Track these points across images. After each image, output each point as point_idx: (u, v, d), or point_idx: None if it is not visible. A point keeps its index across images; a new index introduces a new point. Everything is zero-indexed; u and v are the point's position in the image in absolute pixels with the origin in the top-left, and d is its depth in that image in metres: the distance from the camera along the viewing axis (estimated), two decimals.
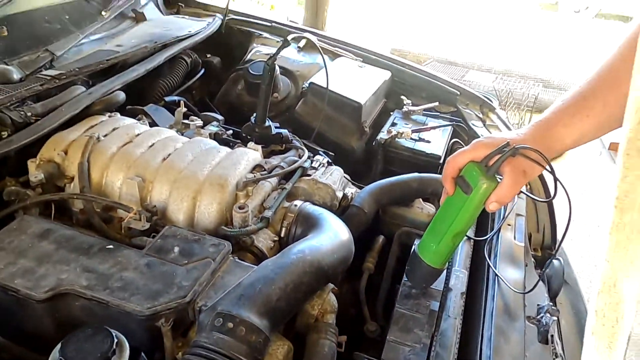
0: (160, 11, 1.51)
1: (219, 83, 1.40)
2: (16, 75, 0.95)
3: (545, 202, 1.09)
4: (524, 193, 0.87)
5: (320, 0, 3.32)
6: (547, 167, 0.68)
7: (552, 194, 0.72)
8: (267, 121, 1.05)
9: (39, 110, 0.90)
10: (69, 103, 0.94)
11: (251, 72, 1.27)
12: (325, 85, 1.19)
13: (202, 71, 1.37)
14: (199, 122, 1.07)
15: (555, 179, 0.71)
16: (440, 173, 0.76)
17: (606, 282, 0.29)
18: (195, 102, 1.32)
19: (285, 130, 1.06)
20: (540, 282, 0.82)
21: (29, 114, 0.88)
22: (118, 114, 1.01)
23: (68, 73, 0.98)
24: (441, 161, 1.15)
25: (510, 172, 0.67)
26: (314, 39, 1.39)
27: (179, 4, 1.59)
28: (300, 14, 5.62)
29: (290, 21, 1.85)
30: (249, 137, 1.04)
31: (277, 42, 1.50)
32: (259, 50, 1.44)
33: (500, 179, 0.68)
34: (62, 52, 1.05)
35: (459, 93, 1.41)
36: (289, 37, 1.15)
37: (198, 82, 1.36)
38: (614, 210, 0.28)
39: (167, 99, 1.18)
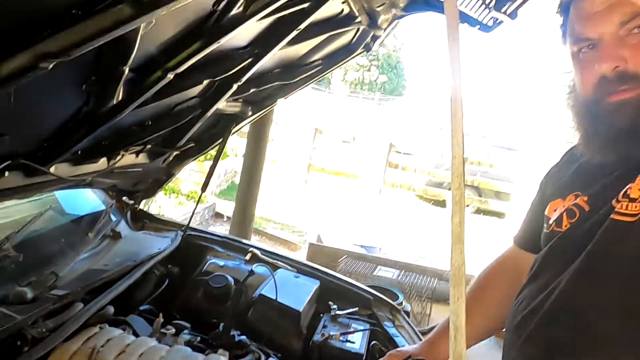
0: (130, 227, 1.83)
1: (177, 291, 1.67)
2: (29, 295, 1.17)
3: None
4: None
5: (248, 200, 3.82)
6: None
7: None
8: (231, 330, 1.32)
9: (50, 326, 1.11)
10: (72, 319, 1.16)
11: (211, 284, 1.57)
12: (270, 296, 1.52)
13: (167, 281, 1.64)
14: (173, 330, 1.31)
15: None
16: None
17: None
18: (159, 309, 1.56)
19: (244, 337, 1.33)
20: None
21: (43, 330, 1.09)
22: (107, 325, 1.24)
23: (72, 293, 1.22)
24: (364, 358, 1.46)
25: None
26: (258, 253, 1.78)
27: (145, 220, 1.92)
28: (222, 204, 6.19)
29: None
30: (215, 343, 1.29)
31: (228, 254, 1.85)
32: (214, 262, 1.76)
33: None
34: (64, 273, 1.30)
35: (372, 298, 1.80)
36: (247, 257, 1.51)
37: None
38: None
39: (141, 308, 1.42)
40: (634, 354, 0.69)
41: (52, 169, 1.09)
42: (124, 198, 1.88)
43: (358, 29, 1.43)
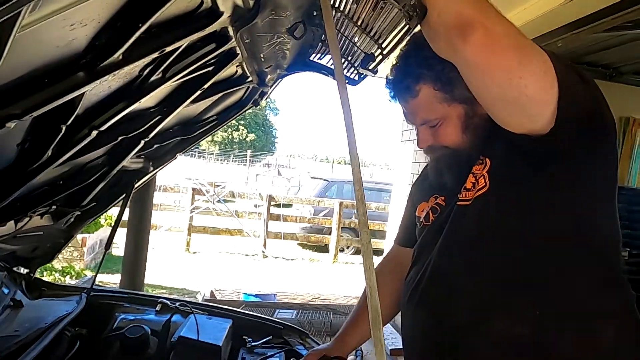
0: (27, 296, 1.76)
1: (90, 351, 1.64)
2: None
3: None
4: None
5: (136, 268, 3.73)
6: None
7: None
8: None
9: None
10: None
11: (128, 335, 1.59)
12: (189, 336, 1.60)
13: (78, 343, 1.62)
14: None
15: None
16: None
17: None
18: None
19: None
20: None
21: None
22: None
23: None
24: None
25: None
26: (168, 302, 1.85)
27: (42, 288, 1.86)
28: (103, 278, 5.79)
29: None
30: None
31: (137, 308, 1.87)
32: (124, 317, 1.77)
33: None
34: None
35: (282, 328, 1.96)
36: (157, 308, 1.59)
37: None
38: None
39: None
40: (487, 300, 0.98)
41: None
42: (16, 267, 1.81)
43: (248, 87, 1.67)
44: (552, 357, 0.91)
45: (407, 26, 0.97)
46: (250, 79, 1.55)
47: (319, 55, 1.56)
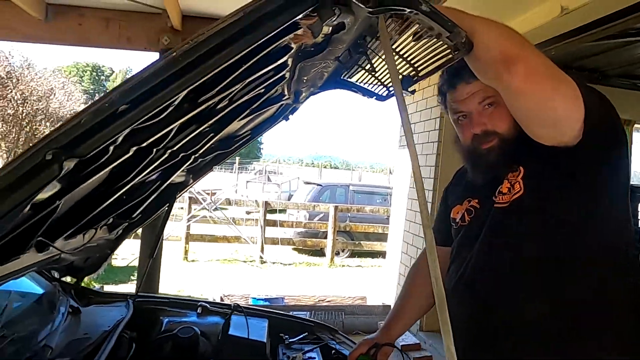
0: (78, 304, 1.88)
1: (142, 351, 1.77)
2: None
3: None
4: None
5: (151, 277, 3.83)
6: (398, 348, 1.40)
7: None
8: None
9: None
10: None
11: (180, 335, 1.73)
12: (237, 335, 1.74)
13: (134, 345, 1.74)
14: None
15: (402, 351, 1.43)
16: None
17: None
18: None
19: None
20: None
21: None
22: None
23: None
24: None
25: (380, 356, 1.37)
26: (207, 305, 1.99)
27: (89, 296, 1.98)
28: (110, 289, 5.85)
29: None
30: None
31: (180, 312, 2.00)
32: (171, 320, 1.90)
33: None
34: (55, 345, 1.38)
35: (313, 325, 2.10)
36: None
37: None
38: None
39: None
40: (526, 288, 1.14)
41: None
42: (63, 278, 1.93)
43: (283, 104, 1.82)
44: (589, 342, 1.07)
45: (449, 56, 1.14)
46: (287, 97, 1.70)
47: (348, 74, 1.72)
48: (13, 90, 4.87)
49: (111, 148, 0.76)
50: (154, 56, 3.90)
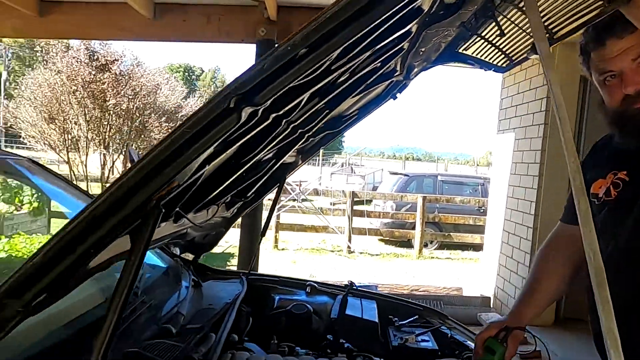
0: (198, 279, 1.99)
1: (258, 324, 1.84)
2: (173, 330, 1.34)
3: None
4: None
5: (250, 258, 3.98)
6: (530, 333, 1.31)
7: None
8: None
9: (203, 351, 1.28)
10: (213, 346, 1.33)
11: (294, 312, 1.77)
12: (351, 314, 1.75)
13: (251, 319, 1.82)
14: (286, 349, 1.50)
15: (535, 336, 1.34)
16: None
17: None
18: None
19: (349, 344, 1.55)
20: None
21: (200, 354, 1.25)
22: (235, 351, 1.41)
23: (205, 325, 1.40)
24: (439, 352, 1.70)
25: (510, 340, 1.28)
26: (316, 285, 2.01)
27: (207, 272, 2.09)
28: None
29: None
30: (330, 350, 1.49)
31: (290, 290, 2.05)
32: (283, 297, 1.95)
33: (506, 345, 1.28)
34: (185, 313, 1.47)
35: (422, 309, 2.05)
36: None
37: None
38: None
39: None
40: None
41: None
42: (183, 254, 2.05)
43: (392, 81, 1.78)
44: None
45: (599, 9, 1.03)
46: (398, 73, 1.66)
47: (465, 45, 1.64)
48: (125, 87, 5.30)
49: (260, 111, 0.77)
50: (250, 48, 4.02)
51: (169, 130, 5.87)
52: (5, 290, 0.58)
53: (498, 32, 1.32)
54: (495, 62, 1.63)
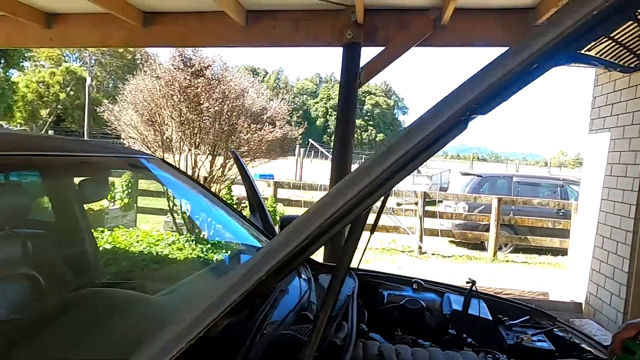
0: (311, 273, 2.11)
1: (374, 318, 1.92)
2: (311, 317, 1.45)
3: None
4: None
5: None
6: None
7: None
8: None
9: (341, 337, 1.38)
10: (349, 334, 1.43)
11: (408, 306, 1.84)
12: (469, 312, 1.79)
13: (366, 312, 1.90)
14: (410, 340, 1.57)
15: None
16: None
17: None
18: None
19: (472, 340, 1.59)
20: None
21: (339, 339, 1.35)
22: (363, 340, 1.50)
23: (339, 315, 1.50)
24: (556, 353, 1.70)
25: None
26: (422, 283, 2.06)
27: (316, 266, 2.20)
28: None
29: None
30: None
31: (397, 286, 2.12)
32: (392, 293, 2.02)
33: None
34: (317, 307, 1.58)
35: (530, 310, 2.05)
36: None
37: None
38: None
39: None
40: None
41: None
42: None
43: None
44: None
45: None
46: None
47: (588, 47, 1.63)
48: (216, 90, 5.61)
49: None
50: (338, 51, 4.12)
51: (257, 132, 6.12)
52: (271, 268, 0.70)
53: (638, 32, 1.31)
54: (621, 63, 1.61)
